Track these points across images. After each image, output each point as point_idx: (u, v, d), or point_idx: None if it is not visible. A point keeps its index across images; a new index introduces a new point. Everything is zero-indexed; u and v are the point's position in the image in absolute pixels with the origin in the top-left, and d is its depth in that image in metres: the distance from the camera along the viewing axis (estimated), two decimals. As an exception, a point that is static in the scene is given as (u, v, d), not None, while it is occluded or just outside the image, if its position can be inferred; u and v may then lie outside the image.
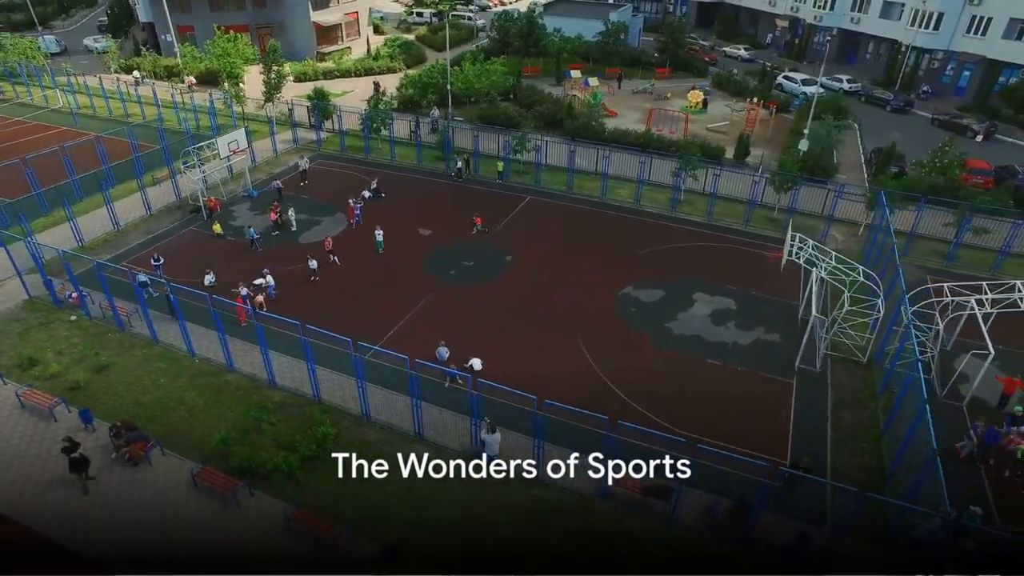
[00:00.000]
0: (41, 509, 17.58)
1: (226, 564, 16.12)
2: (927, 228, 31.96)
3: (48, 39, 64.58)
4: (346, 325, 22.46)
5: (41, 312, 25.79)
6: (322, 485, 18.42)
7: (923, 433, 17.12)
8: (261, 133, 42.35)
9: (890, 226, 27.33)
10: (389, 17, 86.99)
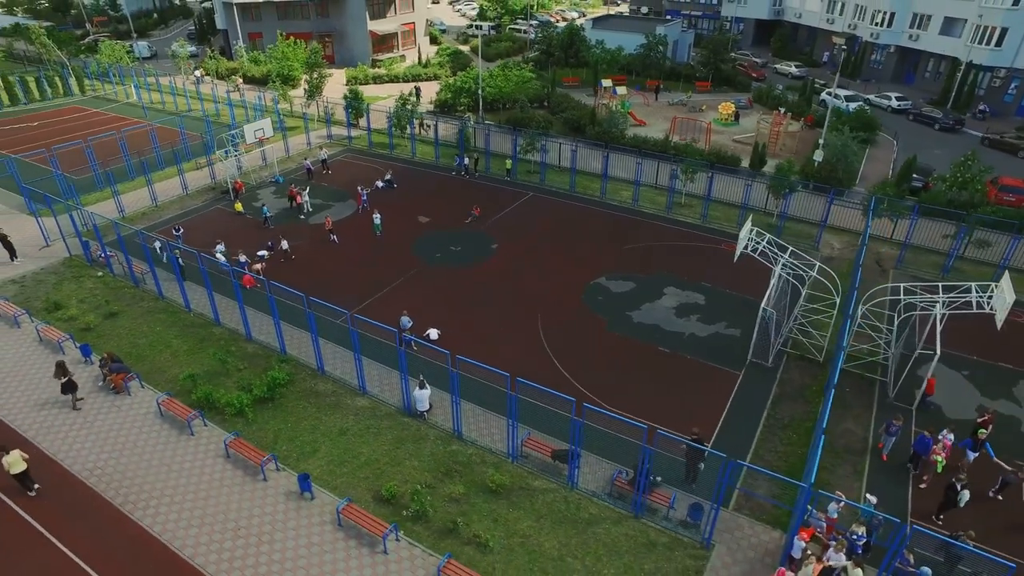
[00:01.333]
0: (40, 420, 20.51)
1: (173, 482, 18.38)
2: (929, 239, 31.23)
3: (141, 45, 71.85)
4: (328, 293, 24.75)
5: (75, 268, 29.48)
6: (268, 423, 20.53)
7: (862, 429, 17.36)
8: (301, 129, 45.91)
9: (867, 230, 27.07)
10: (451, 29, 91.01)
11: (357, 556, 16.31)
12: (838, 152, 38.60)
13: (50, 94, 58.03)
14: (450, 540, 16.68)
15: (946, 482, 17.20)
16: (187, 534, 16.85)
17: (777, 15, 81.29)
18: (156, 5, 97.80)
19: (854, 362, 23.55)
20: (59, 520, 17.25)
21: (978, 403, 21.94)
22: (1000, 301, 20.64)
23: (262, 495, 18.01)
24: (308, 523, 17.19)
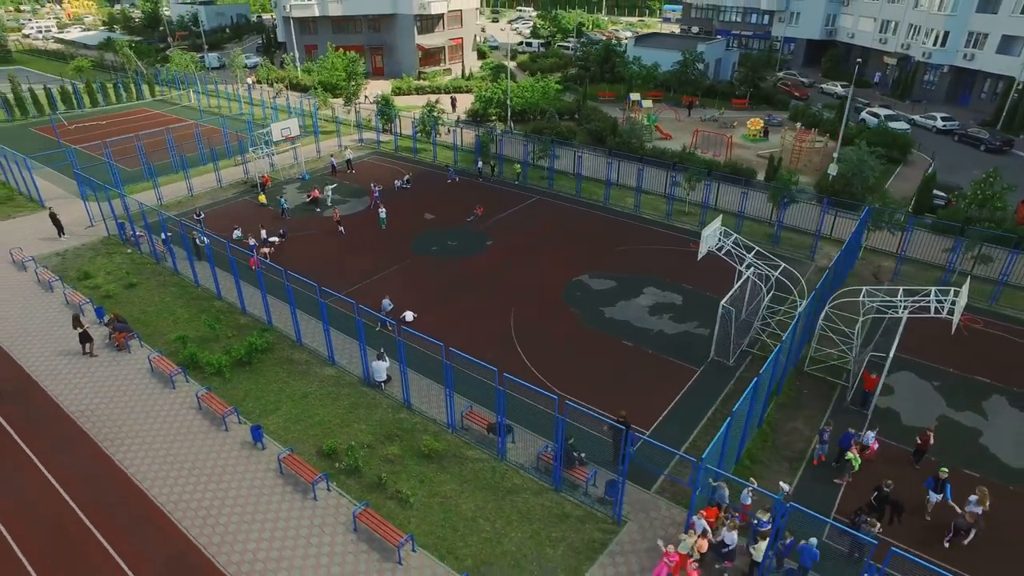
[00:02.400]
0: (51, 368, 23.32)
1: (148, 426, 20.54)
2: (930, 254, 30.61)
3: (212, 56, 77.85)
4: (326, 276, 27.07)
5: (110, 246, 32.79)
6: (241, 383, 22.51)
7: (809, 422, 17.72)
8: (334, 133, 48.93)
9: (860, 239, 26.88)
10: (503, 46, 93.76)
11: (291, 500, 17.84)
12: (854, 167, 38.07)
13: (124, 98, 63.85)
14: (376, 494, 17.97)
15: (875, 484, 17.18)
16: (149, 470, 18.85)
17: (829, 35, 79.91)
18: (232, 21, 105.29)
19: (817, 365, 23.53)
20: (46, 449, 19.64)
21: (941, 413, 21.55)
22: (957, 305, 20.40)
23: (221, 442, 19.87)
24: (255, 468, 18.88)
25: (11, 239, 33.23)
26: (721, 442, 16.13)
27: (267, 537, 16.74)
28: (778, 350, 19.66)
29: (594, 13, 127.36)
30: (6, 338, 25.10)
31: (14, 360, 23.86)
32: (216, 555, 16.24)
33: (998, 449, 20.05)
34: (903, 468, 18.94)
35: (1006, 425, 21.06)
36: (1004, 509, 17.65)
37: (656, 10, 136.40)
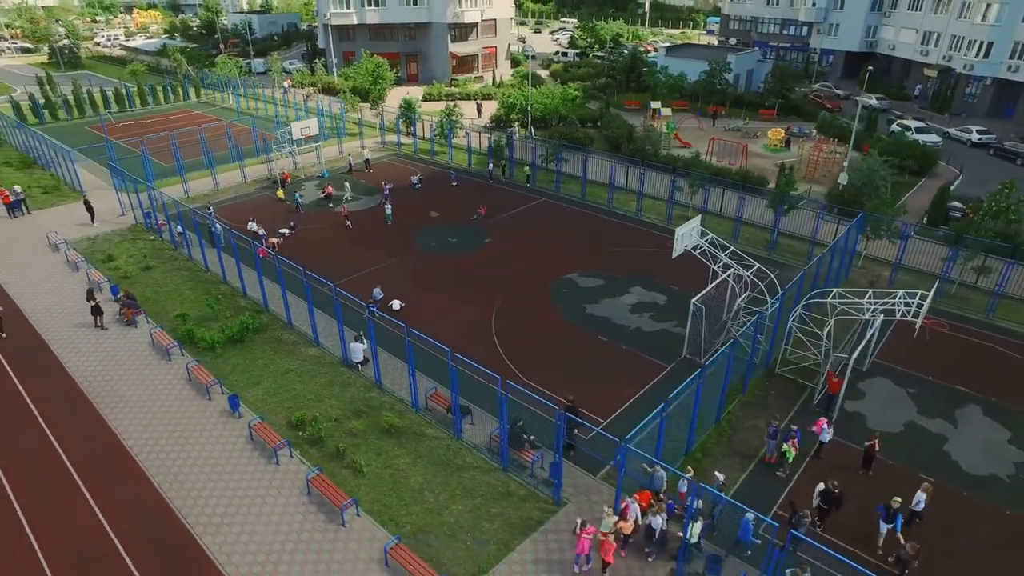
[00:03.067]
0: (65, 337, 25.43)
1: (139, 393, 22.26)
2: (929, 263, 30.13)
3: (257, 62, 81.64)
4: (327, 266, 28.97)
5: (136, 233, 35.22)
6: (231, 358, 24.09)
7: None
8: (357, 134, 51.00)
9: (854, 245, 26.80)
10: (539, 56, 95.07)
11: (255, 463, 19.16)
12: (864, 176, 37.62)
13: (172, 99, 67.78)
14: (333, 462, 19.10)
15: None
16: (134, 431, 20.49)
17: (870, 47, 78.21)
18: (283, 29, 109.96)
19: (789, 367, 23.60)
20: (49, 406, 21.57)
21: (908, 420, 21.37)
22: (923, 309, 20.33)
23: (202, 409, 21.40)
24: (228, 434, 20.29)
25: (51, 223, 36.05)
26: (655, 429, 16.61)
27: (228, 495, 18.04)
28: (731, 345, 19.96)
29: (636, 25, 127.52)
30: (31, 310, 27.44)
31: (34, 328, 26.11)
32: (181, 508, 17.64)
33: (960, 456, 19.81)
34: (853, 472, 18.96)
35: (975, 434, 20.75)
36: (953, 514, 17.58)
37: (701, 23, 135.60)
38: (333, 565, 16.04)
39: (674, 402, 17.59)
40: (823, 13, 79.86)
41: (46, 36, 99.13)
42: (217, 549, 16.43)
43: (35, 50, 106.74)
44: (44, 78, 66.34)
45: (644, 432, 16.45)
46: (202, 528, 17.01)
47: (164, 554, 16.32)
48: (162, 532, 16.92)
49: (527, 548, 16.55)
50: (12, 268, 31.32)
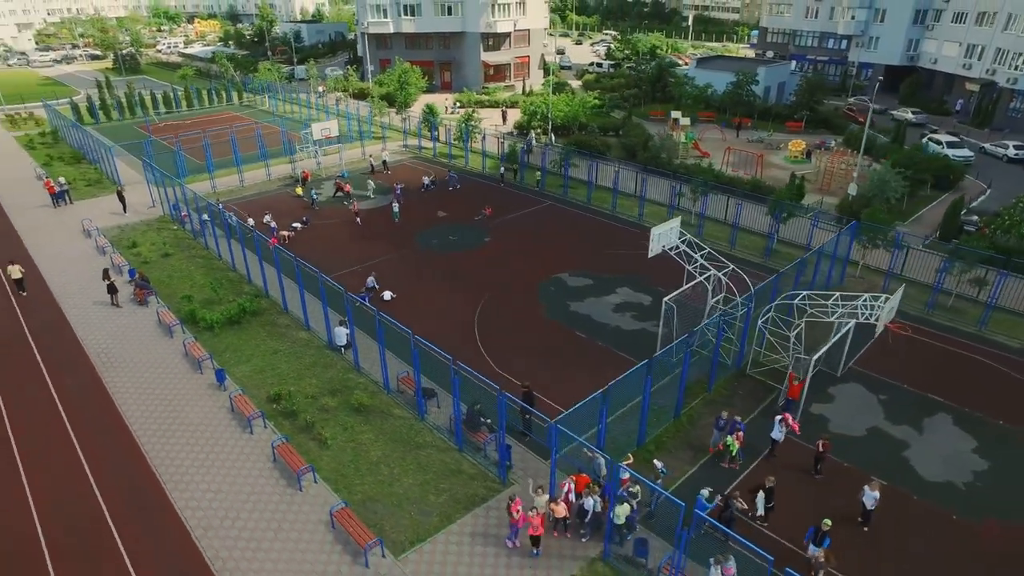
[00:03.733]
0: (85, 314, 27.66)
1: (140, 366, 24.11)
2: (924, 274, 29.77)
3: (300, 68, 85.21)
4: (329, 257, 30.75)
5: (162, 223, 37.70)
6: (227, 338, 25.77)
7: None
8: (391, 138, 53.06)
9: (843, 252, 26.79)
10: (575, 67, 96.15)
11: (230, 431, 20.63)
12: (875, 187, 37.24)
13: (215, 102, 71.52)
14: (302, 434, 20.38)
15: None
16: (128, 397, 22.28)
17: (911, 60, 76.43)
18: (330, 38, 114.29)
19: (759, 369, 23.80)
20: (59, 373, 23.63)
21: (873, 425, 21.33)
22: (884, 312, 20.38)
23: (193, 382, 23.06)
24: (212, 404, 21.85)
25: (88, 212, 38.90)
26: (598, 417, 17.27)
27: (201, 458, 19.50)
28: (682, 341, 20.39)
29: (677, 39, 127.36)
30: (57, 288, 29.88)
31: (58, 305, 28.44)
32: (156, 463, 19.22)
33: (919, 462, 19.74)
34: (804, 472, 19.16)
35: (941, 442, 20.59)
36: (902, 517, 17.65)
37: (745, 36, 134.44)
38: (285, 524, 17.22)
39: (615, 390, 18.13)
40: (863, 26, 78.54)
41: (113, 44, 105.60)
42: (183, 503, 17.86)
43: (103, 57, 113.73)
44: (103, 82, 71.01)
45: (577, 416, 17.06)
46: (173, 483, 18.49)
47: (136, 501, 17.88)
48: (136, 483, 18.50)
49: (467, 522, 17.38)
50: (48, 251, 34.03)
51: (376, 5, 74.70)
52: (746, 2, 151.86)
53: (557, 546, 16.74)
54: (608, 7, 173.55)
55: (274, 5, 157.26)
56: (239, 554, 16.33)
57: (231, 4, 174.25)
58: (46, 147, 55.45)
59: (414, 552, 16.46)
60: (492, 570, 16.05)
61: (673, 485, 18.57)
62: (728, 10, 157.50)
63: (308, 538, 16.80)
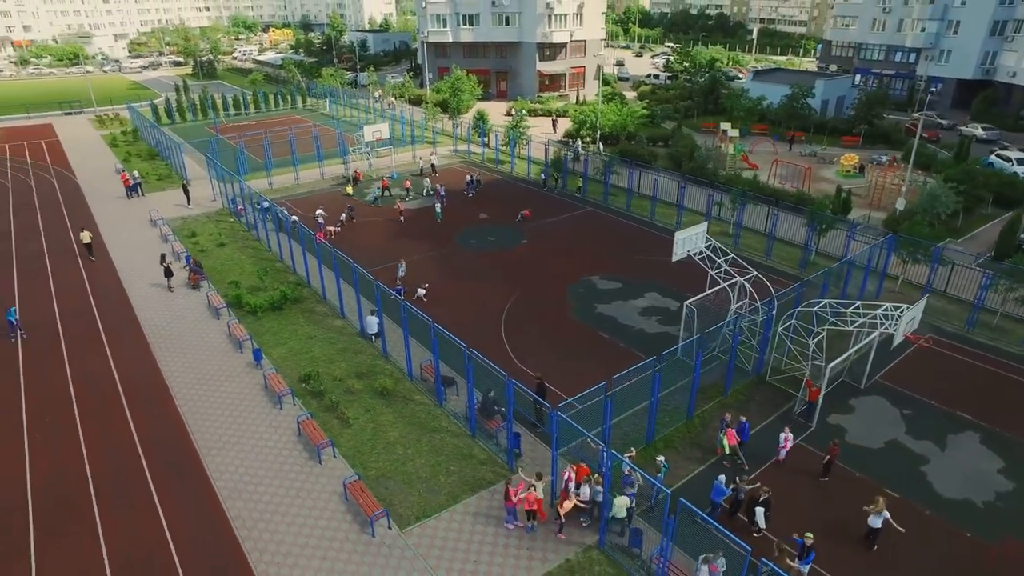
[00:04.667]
0: (144, 295, 29.99)
1: (186, 340, 26.04)
2: (965, 290, 28.87)
3: (362, 75, 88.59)
4: (369, 253, 32.67)
5: (221, 216, 40.25)
6: (268, 322, 27.46)
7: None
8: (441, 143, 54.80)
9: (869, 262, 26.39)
10: (632, 78, 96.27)
11: (262, 405, 22.10)
12: (925, 203, 36.16)
13: (281, 105, 75.30)
14: (327, 412, 21.63)
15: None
16: (174, 368, 24.17)
17: (986, 74, 73.15)
18: (395, 47, 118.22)
19: (778, 376, 23.70)
20: (117, 345, 25.83)
21: (892, 439, 20.97)
22: (903, 322, 20.09)
23: (233, 359, 24.76)
24: (248, 381, 23.41)
25: (156, 204, 41.93)
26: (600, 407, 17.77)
27: (233, 428, 21.00)
28: (693, 341, 20.58)
29: (740, 52, 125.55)
30: (124, 272, 32.44)
31: (123, 287, 30.89)
32: (194, 431, 20.80)
33: (936, 478, 19.32)
34: (812, 478, 19.09)
35: (963, 459, 20.07)
36: (911, 530, 17.32)
37: (812, 50, 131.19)
38: (303, 492, 18.42)
39: (623, 384, 18.57)
40: (933, 39, 75.75)
41: (194, 52, 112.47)
42: (214, 467, 19.32)
43: (184, 63, 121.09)
44: (181, 86, 75.85)
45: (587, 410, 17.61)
46: (206, 448, 20.02)
47: (172, 461, 19.51)
48: (174, 445, 20.14)
49: (472, 503, 18.14)
50: (118, 237, 36.93)
51: (436, 15, 77.13)
52: (814, 15, 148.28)
53: (555, 531, 17.27)
54: (672, 20, 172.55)
55: (344, 16, 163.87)
56: (258, 516, 17.59)
57: (304, 14, 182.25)
58: (127, 145, 59.77)
59: (418, 526, 17.33)
60: (490, 548, 16.74)
61: (678, 483, 18.84)
62: (795, 23, 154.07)
63: (322, 506, 17.92)
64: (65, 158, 55.53)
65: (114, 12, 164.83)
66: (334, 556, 16.40)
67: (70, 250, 35.49)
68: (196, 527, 17.31)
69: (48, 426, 21.30)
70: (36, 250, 35.68)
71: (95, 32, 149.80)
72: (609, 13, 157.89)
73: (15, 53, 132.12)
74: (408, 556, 16.42)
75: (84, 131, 66.98)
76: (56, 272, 32.82)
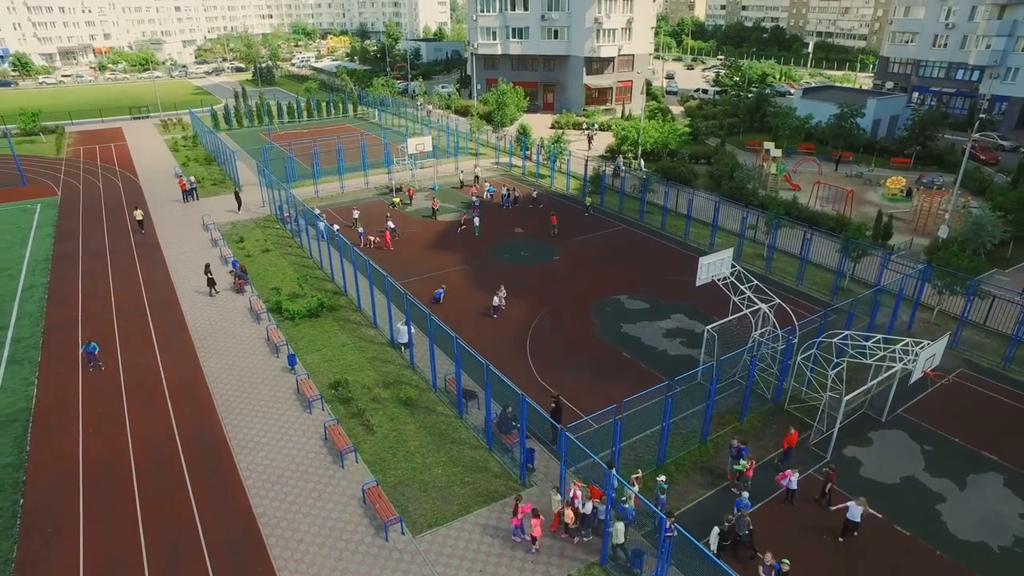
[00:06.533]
0: (191, 298, 31.91)
1: (225, 342, 27.65)
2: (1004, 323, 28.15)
3: (413, 84, 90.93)
4: (402, 264, 33.91)
5: (268, 222, 42.25)
6: (305, 329, 28.88)
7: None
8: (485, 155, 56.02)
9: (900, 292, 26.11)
10: (681, 92, 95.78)
11: (293, 408, 23.39)
12: (970, 231, 35.24)
13: (332, 113, 78.02)
14: (353, 419, 22.75)
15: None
16: (215, 369, 25.73)
17: (1053, 96, 70.15)
18: (446, 56, 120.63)
19: (797, 405, 23.70)
20: (165, 341, 27.68)
21: (909, 475, 20.78)
22: (922, 359, 19.95)
23: (269, 363, 26.20)
24: (281, 385, 24.77)
25: (210, 208, 44.31)
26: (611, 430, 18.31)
27: (265, 429, 22.32)
28: (711, 367, 20.84)
29: (795, 66, 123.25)
30: (175, 274, 34.56)
31: (174, 288, 32.92)
32: (228, 429, 22.22)
33: (951, 517, 19.09)
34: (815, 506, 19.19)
35: (982, 500, 19.75)
36: (919, 570, 17.30)
37: (869, 64, 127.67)
38: (324, 494, 19.52)
39: (640, 410, 19.04)
40: (1000, 56, 73.05)
41: (255, 58, 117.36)
42: (244, 464, 20.65)
43: (245, 69, 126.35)
44: (240, 92, 79.39)
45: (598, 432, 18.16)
46: (239, 447, 21.38)
47: (208, 460, 20.89)
48: (210, 443, 21.56)
49: (483, 515, 18.89)
50: (173, 239, 39.27)
51: (487, 27, 78.65)
52: (874, 29, 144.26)
53: (560, 546, 17.87)
54: (726, 32, 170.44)
55: (400, 24, 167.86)
56: (281, 514, 18.76)
57: (362, 22, 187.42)
58: (187, 149, 63.08)
59: (430, 533, 18.18)
60: (496, 559, 17.45)
61: (685, 506, 19.18)
62: (853, 37, 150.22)
63: (341, 509, 18.97)
64: (131, 162, 59.00)
65: (184, 20, 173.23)
66: (348, 558, 17.40)
67: (128, 251, 37.93)
68: (224, 519, 18.58)
69: (100, 416, 23.07)
70: (99, 251, 38.22)
71: (166, 39, 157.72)
72: (662, 25, 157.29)
73: (95, 59, 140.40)
74: (418, 562, 17.28)
75: (149, 135, 70.90)
76: (115, 271, 35.17)
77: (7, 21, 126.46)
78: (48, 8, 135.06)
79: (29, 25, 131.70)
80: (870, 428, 22.69)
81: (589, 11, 74.21)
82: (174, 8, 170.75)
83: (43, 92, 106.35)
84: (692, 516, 18.71)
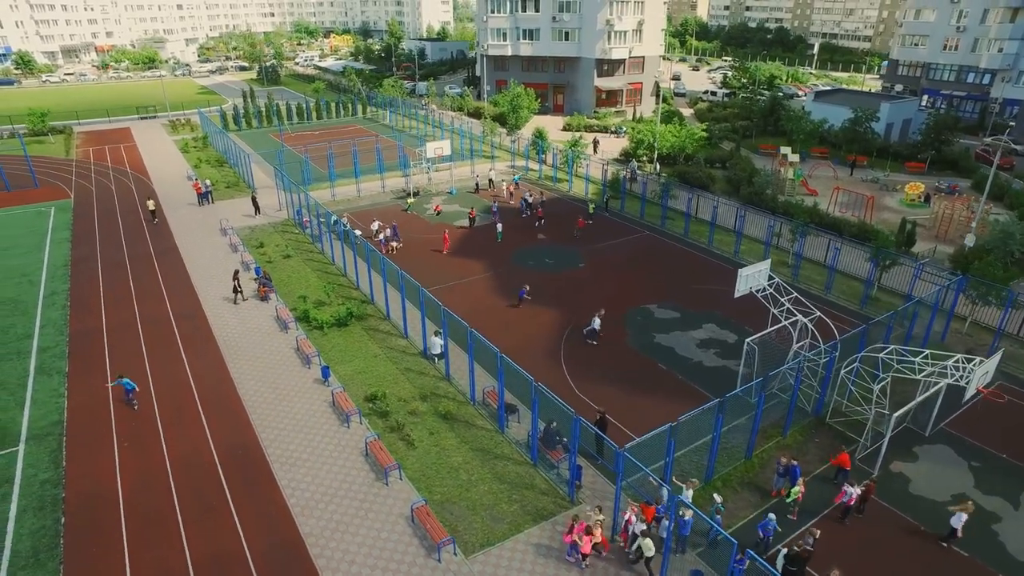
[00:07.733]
0: (215, 306, 31.49)
1: (254, 351, 27.27)
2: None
3: (421, 85, 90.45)
4: (426, 271, 33.51)
5: (286, 226, 41.82)
6: (334, 338, 28.51)
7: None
8: (500, 158, 55.63)
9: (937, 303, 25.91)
10: (689, 94, 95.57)
11: (330, 422, 23.01)
12: (997, 240, 35.05)
13: (342, 114, 77.52)
14: (392, 433, 22.41)
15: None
16: (246, 379, 25.36)
17: (1066, 100, 70.11)
18: (452, 56, 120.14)
19: (839, 419, 23.46)
20: (191, 349, 27.28)
21: (960, 492, 20.55)
22: (976, 376, 19.71)
23: (301, 374, 25.82)
24: (317, 397, 24.41)
25: (226, 212, 43.85)
26: (662, 444, 18.02)
27: (304, 444, 21.96)
28: (759, 383, 20.57)
29: (800, 67, 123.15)
30: (197, 280, 34.12)
31: (197, 295, 32.49)
32: (266, 443, 21.84)
33: (1009, 538, 18.85)
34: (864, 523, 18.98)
35: (1038, 520, 19.52)
36: (968, 587, 17.08)
37: (876, 66, 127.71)
38: (371, 513, 19.17)
39: (686, 424, 18.75)
40: (1012, 59, 72.97)
41: (259, 57, 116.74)
42: (286, 481, 20.28)
43: (249, 68, 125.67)
44: (248, 92, 78.81)
45: (647, 445, 17.86)
46: (279, 463, 21.00)
47: (248, 476, 20.51)
48: (249, 459, 21.19)
49: (533, 533, 18.59)
50: (191, 244, 38.84)
51: (496, 28, 78.23)
52: (879, 30, 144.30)
53: (603, 567, 17.56)
54: (730, 33, 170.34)
55: (403, 23, 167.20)
56: (329, 534, 18.41)
57: (364, 21, 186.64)
58: (197, 151, 62.55)
59: (483, 554, 17.87)
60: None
61: (734, 525, 18.92)
62: (859, 38, 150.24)
63: (390, 528, 18.63)
64: (142, 164, 58.47)
65: (186, 18, 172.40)
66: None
67: (147, 256, 37.46)
68: (270, 538, 18.23)
69: (131, 432, 22.65)
70: (117, 256, 37.75)
71: (168, 37, 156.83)
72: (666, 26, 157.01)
73: (98, 58, 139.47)
74: (472, 584, 16.98)
75: (158, 136, 70.34)
76: (136, 277, 34.73)
77: (10, 19, 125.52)
78: (51, 6, 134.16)
79: (32, 23, 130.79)
80: (914, 443, 22.46)
81: (600, 13, 73.88)
82: (176, 6, 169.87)
83: (46, 91, 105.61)
84: (741, 535, 18.40)
